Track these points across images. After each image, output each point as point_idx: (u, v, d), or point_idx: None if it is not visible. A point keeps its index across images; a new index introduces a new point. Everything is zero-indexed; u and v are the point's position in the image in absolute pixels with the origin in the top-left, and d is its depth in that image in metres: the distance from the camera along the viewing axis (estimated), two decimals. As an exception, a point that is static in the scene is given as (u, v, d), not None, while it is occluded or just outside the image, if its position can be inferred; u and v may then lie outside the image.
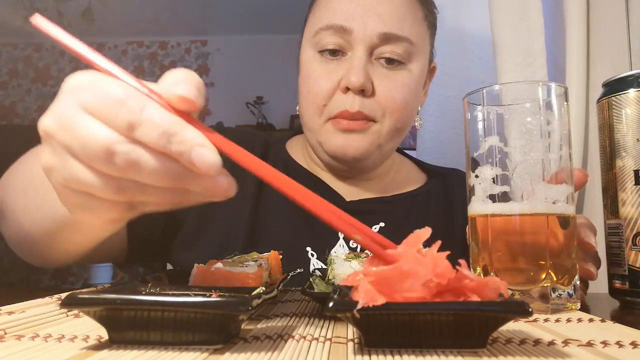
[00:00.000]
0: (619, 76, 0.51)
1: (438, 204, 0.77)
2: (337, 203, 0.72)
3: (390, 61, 0.66)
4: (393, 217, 0.72)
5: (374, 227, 0.71)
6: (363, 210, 0.73)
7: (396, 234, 0.73)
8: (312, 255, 0.67)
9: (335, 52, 0.66)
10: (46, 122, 0.30)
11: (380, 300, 0.26)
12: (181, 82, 0.29)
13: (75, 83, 0.30)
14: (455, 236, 0.73)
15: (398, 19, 0.65)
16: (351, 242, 0.69)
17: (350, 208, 0.73)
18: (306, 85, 0.68)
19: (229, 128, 0.81)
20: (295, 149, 0.79)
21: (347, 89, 0.64)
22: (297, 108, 0.74)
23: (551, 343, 0.30)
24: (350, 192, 0.74)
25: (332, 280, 0.44)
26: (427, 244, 0.50)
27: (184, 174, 0.28)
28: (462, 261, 0.30)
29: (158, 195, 0.30)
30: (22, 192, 0.52)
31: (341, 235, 0.69)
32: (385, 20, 0.64)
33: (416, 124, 0.78)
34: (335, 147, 0.66)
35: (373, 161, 0.70)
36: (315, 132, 0.68)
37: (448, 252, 0.29)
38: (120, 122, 0.27)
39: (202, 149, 0.27)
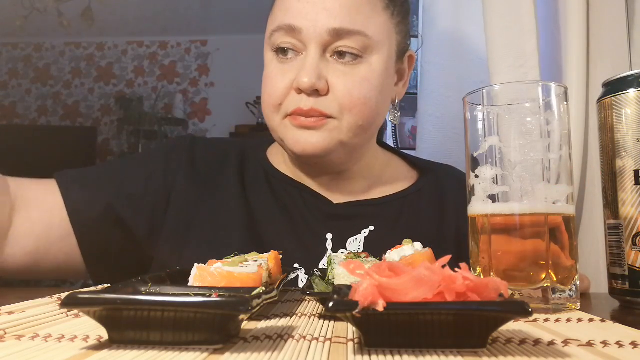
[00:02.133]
0: (619, 76, 0.51)
1: (430, 203, 0.74)
2: (325, 207, 0.71)
3: (345, 56, 0.63)
4: (383, 219, 0.71)
5: (363, 231, 0.69)
6: (351, 214, 0.71)
7: (387, 236, 0.72)
8: (300, 270, 0.65)
9: (288, 52, 0.65)
10: None
11: (381, 303, 0.26)
12: None
13: None
14: (447, 236, 0.72)
15: (349, 12, 0.62)
16: (339, 252, 0.67)
17: (338, 212, 0.71)
18: (263, 86, 0.68)
19: (201, 138, 0.79)
20: (277, 156, 0.77)
21: (300, 90, 0.63)
22: None
23: (551, 343, 0.30)
24: (335, 195, 0.72)
25: (332, 280, 0.44)
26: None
27: None
28: (463, 265, 0.30)
29: None
30: None
31: (329, 246, 0.68)
32: (336, 16, 0.62)
33: (391, 118, 0.75)
34: (293, 144, 0.65)
35: (339, 158, 0.68)
36: (276, 131, 0.67)
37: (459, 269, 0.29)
38: None
39: None
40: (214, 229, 0.68)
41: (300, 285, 0.64)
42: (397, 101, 0.74)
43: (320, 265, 0.66)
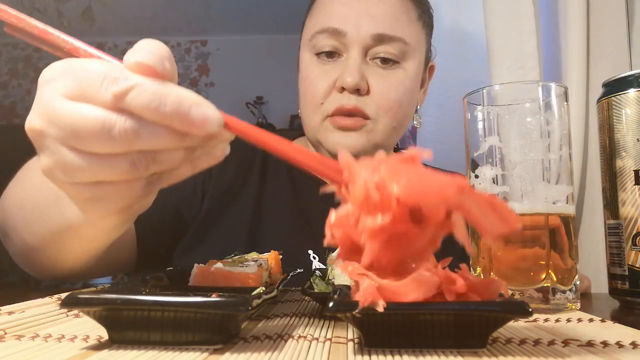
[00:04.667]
0: (619, 76, 0.51)
1: None
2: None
3: (385, 61, 0.67)
4: None
5: None
6: None
7: None
8: (314, 258, 0.68)
9: (331, 54, 0.68)
10: (33, 122, 0.28)
11: (381, 304, 0.26)
12: (138, 50, 0.27)
13: (50, 74, 0.28)
14: (455, 241, 0.74)
15: (391, 19, 0.66)
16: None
17: None
18: (304, 86, 0.71)
19: None
20: None
21: (343, 89, 0.66)
22: (299, 110, 0.75)
23: (551, 343, 0.30)
24: None
25: (332, 280, 0.44)
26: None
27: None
28: (463, 266, 0.30)
29: (172, 159, 0.29)
30: (19, 208, 0.51)
31: None
32: (378, 22, 0.66)
33: (415, 122, 0.79)
34: (332, 146, 0.68)
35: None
36: (314, 131, 0.70)
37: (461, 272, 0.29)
38: (106, 96, 0.26)
39: (200, 107, 0.26)
40: (233, 220, 0.70)
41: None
42: (418, 107, 0.78)
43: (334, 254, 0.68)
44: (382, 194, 0.26)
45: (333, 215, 0.29)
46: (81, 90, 0.27)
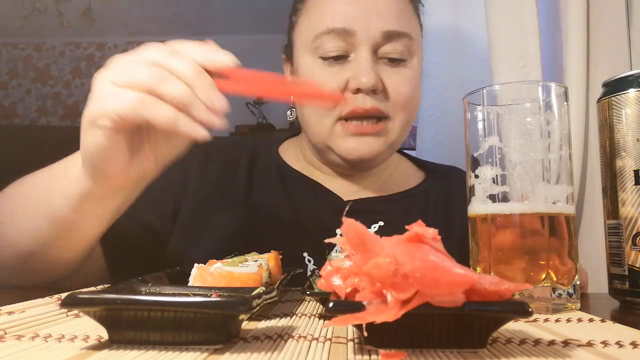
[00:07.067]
0: (619, 76, 0.51)
1: (437, 202, 0.77)
2: (335, 204, 0.73)
3: (394, 60, 0.66)
4: (392, 216, 0.72)
5: (372, 227, 0.71)
6: (361, 210, 0.72)
7: (395, 233, 0.75)
8: (309, 261, 0.67)
9: (338, 57, 0.66)
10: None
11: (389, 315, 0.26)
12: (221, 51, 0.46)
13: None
14: (453, 235, 0.73)
15: (397, 15, 0.66)
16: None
17: (349, 208, 0.73)
18: None
19: (214, 140, 0.80)
20: (288, 153, 0.78)
21: (357, 90, 0.64)
22: (288, 113, 0.73)
23: (551, 343, 0.30)
24: (347, 192, 0.74)
25: (332, 280, 0.44)
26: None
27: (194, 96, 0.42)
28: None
29: (165, 118, 0.41)
30: (20, 209, 0.54)
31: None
32: (386, 18, 0.64)
33: None
34: (347, 151, 0.66)
35: (384, 158, 0.72)
36: (323, 136, 0.67)
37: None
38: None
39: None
40: (221, 227, 0.69)
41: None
42: None
43: (333, 254, 0.67)
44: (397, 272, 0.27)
45: (328, 267, 0.31)
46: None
